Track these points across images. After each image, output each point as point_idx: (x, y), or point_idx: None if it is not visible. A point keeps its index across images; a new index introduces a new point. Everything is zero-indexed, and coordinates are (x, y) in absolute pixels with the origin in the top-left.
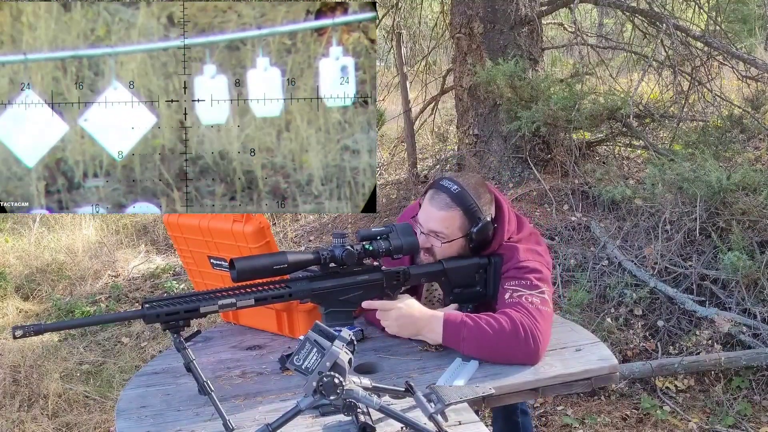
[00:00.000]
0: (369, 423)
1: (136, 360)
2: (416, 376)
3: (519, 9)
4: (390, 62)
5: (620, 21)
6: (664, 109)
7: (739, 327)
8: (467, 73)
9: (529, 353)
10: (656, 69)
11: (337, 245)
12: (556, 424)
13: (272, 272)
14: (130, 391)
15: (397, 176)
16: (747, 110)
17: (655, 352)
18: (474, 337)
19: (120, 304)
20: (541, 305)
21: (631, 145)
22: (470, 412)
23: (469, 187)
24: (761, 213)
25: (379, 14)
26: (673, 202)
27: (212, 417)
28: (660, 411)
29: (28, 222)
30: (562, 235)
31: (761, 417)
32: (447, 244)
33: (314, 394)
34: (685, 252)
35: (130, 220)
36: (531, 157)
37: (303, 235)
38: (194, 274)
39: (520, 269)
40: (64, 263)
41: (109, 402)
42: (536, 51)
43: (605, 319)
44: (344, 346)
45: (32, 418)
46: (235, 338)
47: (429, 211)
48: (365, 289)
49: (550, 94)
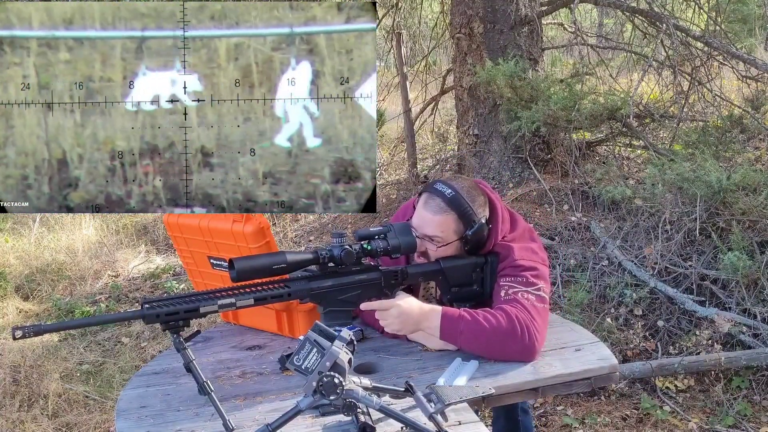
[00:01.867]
0: (369, 423)
1: (136, 360)
2: (416, 376)
3: (519, 9)
4: (390, 62)
5: (620, 21)
6: (664, 109)
7: (739, 327)
8: (467, 73)
9: (525, 349)
10: (656, 69)
11: (336, 245)
12: (556, 424)
13: (271, 272)
14: (130, 391)
15: (397, 176)
16: (747, 110)
17: (655, 352)
18: (471, 332)
19: (120, 305)
20: (537, 302)
21: (631, 145)
22: (470, 412)
23: (463, 191)
24: (761, 213)
25: (379, 14)
26: (673, 202)
27: (212, 417)
28: (660, 411)
29: (28, 222)
30: (562, 235)
31: (761, 417)
32: (442, 248)
33: (314, 394)
34: (685, 252)
35: (130, 220)
36: (531, 157)
37: (303, 235)
38: (194, 274)
39: (516, 267)
40: (64, 263)
41: (109, 402)
42: (536, 51)
43: (605, 319)
44: (344, 346)
45: (32, 418)
46: (235, 338)
47: (423, 215)
48: (364, 289)
49: (550, 94)
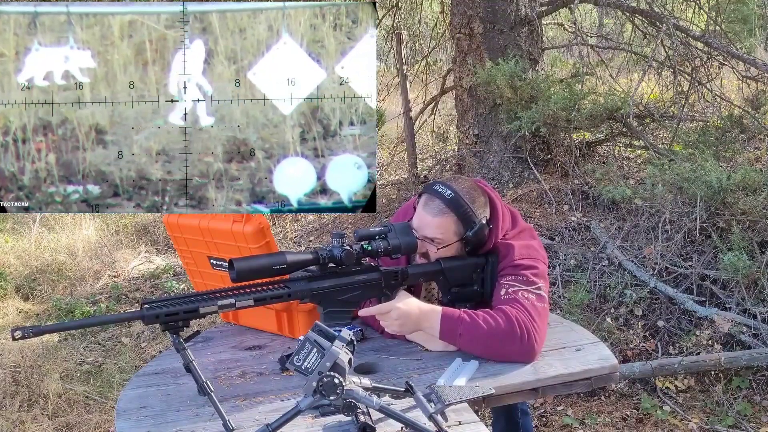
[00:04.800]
0: (369, 423)
1: (136, 360)
2: (416, 376)
3: (519, 9)
4: (390, 62)
5: (620, 21)
6: (664, 109)
7: (739, 327)
8: (467, 73)
9: (524, 351)
10: (656, 69)
11: (336, 245)
12: (556, 424)
13: (271, 272)
14: (130, 392)
15: (397, 176)
16: (747, 110)
17: (655, 352)
18: (471, 333)
19: (120, 305)
20: (537, 301)
21: (631, 145)
22: (470, 412)
23: (463, 192)
24: (761, 213)
25: (379, 14)
26: (673, 202)
27: (212, 417)
28: (660, 411)
29: (28, 222)
30: (562, 235)
31: (761, 417)
32: (443, 249)
33: (314, 394)
34: (685, 252)
35: (130, 220)
36: (531, 157)
37: (303, 235)
38: (194, 275)
39: (516, 266)
40: (64, 263)
41: (109, 402)
42: (536, 51)
43: (605, 319)
44: (344, 346)
45: (32, 418)
46: (235, 338)
47: (423, 217)
48: (364, 289)
49: (550, 94)
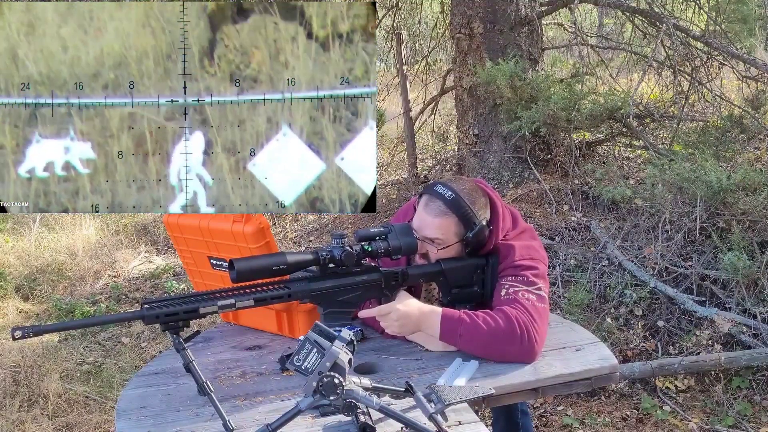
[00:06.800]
0: (369, 423)
1: (136, 360)
2: (416, 376)
3: (519, 9)
4: (390, 62)
5: (620, 21)
6: (664, 109)
7: (739, 327)
8: (467, 74)
9: (524, 351)
10: (656, 69)
11: (336, 246)
12: (556, 424)
13: (271, 273)
14: (130, 392)
15: (397, 176)
16: (747, 110)
17: (655, 352)
18: (471, 334)
19: (120, 305)
20: (538, 302)
21: (631, 145)
22: (470, 412)
23: (463, 193)
24: (761, 213)
25: (379, 14)
26: (673, 202)
27: (212, 417)
28: (660, 411)
29: (28, 222)
30: (562, 235)
31: (761, 417)
32: (443, 250)
33: (314, 394)
34: (685, 252)
35: (130, 220)
36: (531, 157)
37: (303, 235)
38: (194, 275)
39: (517, 267)
40: (64, 263)
41: (109, 402)
42: (536, 51)
43: (605, 319)
44: (344, 347)
45: (32, 418)
46: (235, 338)
47: (424, 218)
48: (364, 290)
49: (550, 94)
